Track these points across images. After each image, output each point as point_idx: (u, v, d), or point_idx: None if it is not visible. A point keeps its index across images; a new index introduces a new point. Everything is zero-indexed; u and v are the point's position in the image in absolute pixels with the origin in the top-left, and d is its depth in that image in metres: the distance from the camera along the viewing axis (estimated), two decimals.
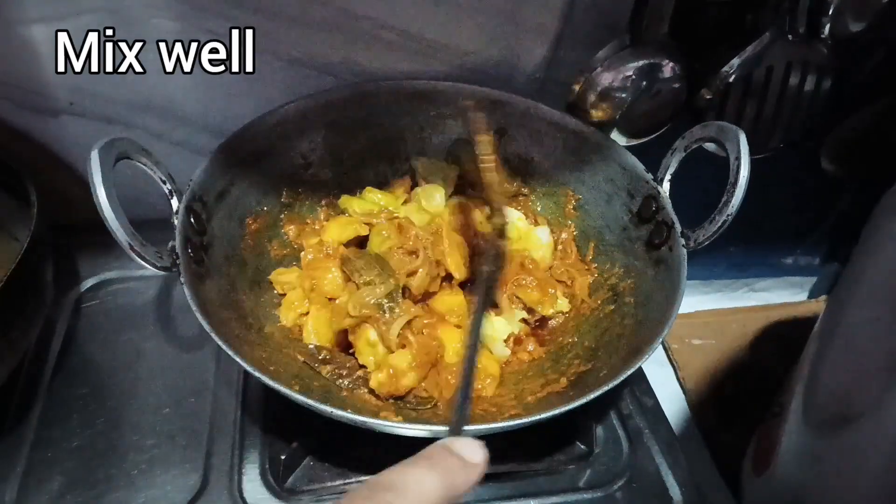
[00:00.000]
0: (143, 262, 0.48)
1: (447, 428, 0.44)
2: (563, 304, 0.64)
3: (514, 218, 0.68)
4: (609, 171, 0.65)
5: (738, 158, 0.53)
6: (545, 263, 0.67)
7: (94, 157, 0.46)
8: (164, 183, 0.53)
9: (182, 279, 0.50)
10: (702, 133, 0.57)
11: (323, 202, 0.69)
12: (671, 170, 0.60)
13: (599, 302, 0.64)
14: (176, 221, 0.53)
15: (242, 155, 0.61)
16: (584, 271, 0.67)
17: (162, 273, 0.49)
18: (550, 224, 0.70)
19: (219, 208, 0.59)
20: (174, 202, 0.53)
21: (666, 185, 0.60)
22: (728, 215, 0.53)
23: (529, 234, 0.68)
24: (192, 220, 0.54)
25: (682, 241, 0.57)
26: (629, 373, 0.49)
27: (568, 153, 0.68)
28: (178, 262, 0.50)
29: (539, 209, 0.72)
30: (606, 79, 0.62)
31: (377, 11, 0.63)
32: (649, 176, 0.61)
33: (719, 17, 0.63)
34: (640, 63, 0.62)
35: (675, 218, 0.58)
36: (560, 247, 0.69)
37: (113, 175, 0.47)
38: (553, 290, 0.64)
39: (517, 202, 0.71)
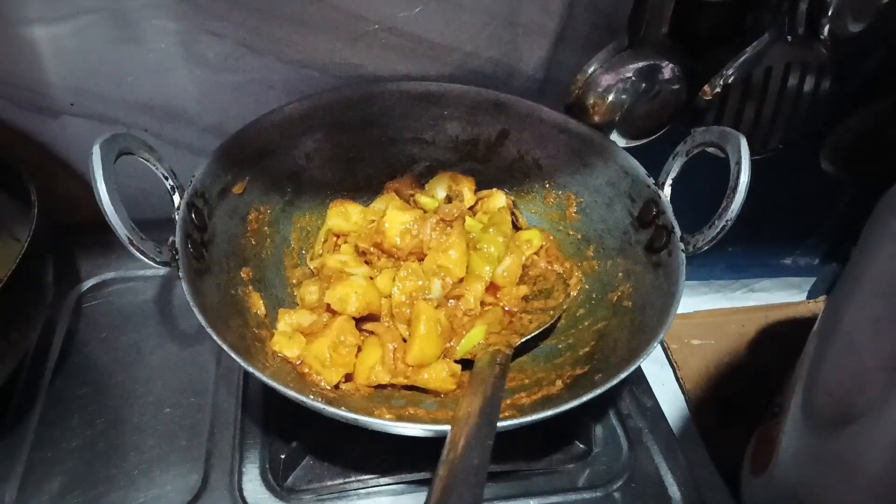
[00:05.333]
0: (141, 257, 0.48)
1: (445, 427, 0.44)
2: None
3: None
4: (611, 175, 0.65)
5: (738, 163, 0.53)
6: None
7: (96, 151, 0.46)
8: (167, 179, 0.53)
9: (180, 274, 0.50)
10: (703, 138, 0.57)
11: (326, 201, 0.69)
12: (672, 174, 0.60)
13: (597, 311, 0.64)
14: (177, 217, 0.53)
15: (245, 154, 0.61)
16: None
17: (162, 272, 0.50)
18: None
19: (221, 205, 0.59)
20: (176, 198, 0.54)
21: (667, 190, 0.60)
22: (728, 220, 0.53)
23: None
24: (192, 215, 0.54)
25: (682, 247, 0.57)
26: (622, 377, 0.49)
27: (570, 156, 0.68)
28: (177, 257, 0.50)
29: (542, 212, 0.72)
30: (606, 80, 0.62)
31: (377, 13, 0.63)
32: (651, 180, 0.61)
33: (718, 18, 0.63)
34: (640, 64, 0.62)
35: (675, 223, 0.58)
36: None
37: (114, 173, 0.47)
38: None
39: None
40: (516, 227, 0.70)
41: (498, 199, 0.70)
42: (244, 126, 0.61)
